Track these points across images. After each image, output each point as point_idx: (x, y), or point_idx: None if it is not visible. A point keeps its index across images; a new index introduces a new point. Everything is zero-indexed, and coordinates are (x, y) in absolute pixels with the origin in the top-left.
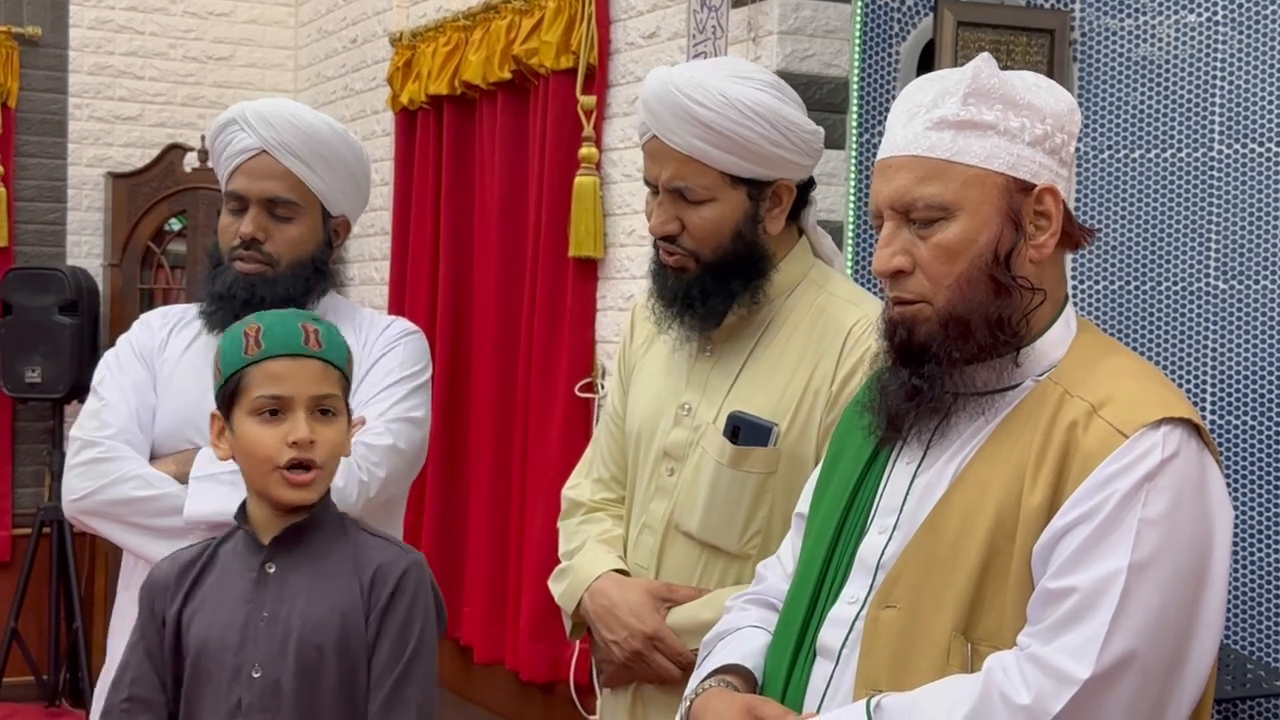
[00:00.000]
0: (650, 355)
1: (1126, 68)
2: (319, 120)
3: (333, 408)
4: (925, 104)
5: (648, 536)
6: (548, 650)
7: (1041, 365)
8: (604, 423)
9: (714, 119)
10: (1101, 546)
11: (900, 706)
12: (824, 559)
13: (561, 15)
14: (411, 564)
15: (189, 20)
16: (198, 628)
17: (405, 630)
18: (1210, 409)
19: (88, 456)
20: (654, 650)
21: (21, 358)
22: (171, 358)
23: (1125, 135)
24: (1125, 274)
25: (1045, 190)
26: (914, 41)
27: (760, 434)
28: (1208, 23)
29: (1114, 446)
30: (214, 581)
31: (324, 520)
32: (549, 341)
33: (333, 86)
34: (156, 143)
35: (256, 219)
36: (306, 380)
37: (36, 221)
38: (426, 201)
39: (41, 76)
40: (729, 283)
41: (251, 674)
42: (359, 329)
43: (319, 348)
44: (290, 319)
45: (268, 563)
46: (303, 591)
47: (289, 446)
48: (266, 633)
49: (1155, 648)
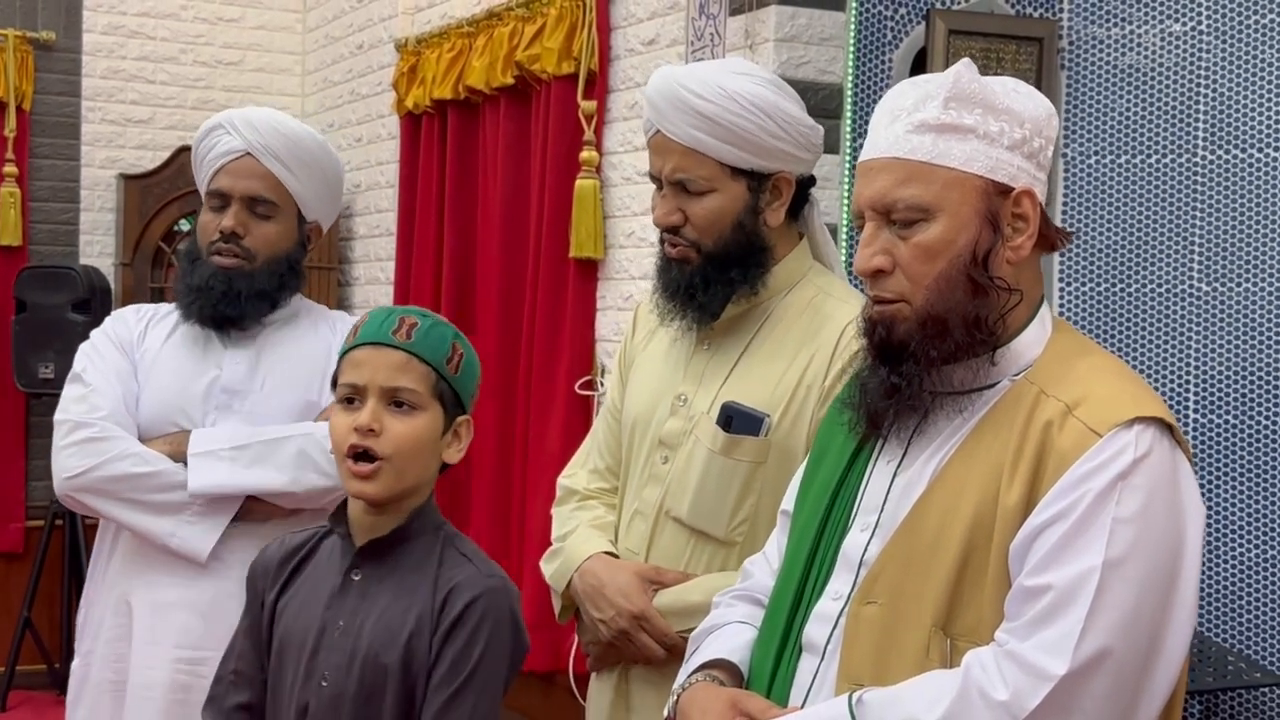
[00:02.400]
0: (650, 349)
1: (1113, 75)
2: (301, 129)
3: (410, 401)
4: (907, 107)
5: (639, 522)
6: (548, 640)
7: (1018, 365)
8: (602, 415)
9: (713, 110)
10: (1076, 544)
11: (882, 701)
12: (808, 555)
13: (563, 22)
14: (488, 589)
15: (199, 26)
16: (284, 622)
17: (465, 654)
18: (1193, 408)
19: (82, 436)
20: (640, 630)
21: (35, 354)
22: (152, 348)
23: (1112, 141)
24: (1111, 276)
25: (1023, 193)
26: (906, 49)
27: (752, 424)
28: (1192, 32)
29: (1088, 446)
30: (308, 576)
31: (418, 532)
32: (550, 340)
33: (339, 91)
34: (167, 145)
35: (238, 214)
36: (383, 369)
37: (50, 221)
38: (430, 203)
39: (55, 80)
40: (729, 272)
41: (320, 682)
42: (333, 325)
43: (407, 339)
44: (395, 311)
45: (354, 569)
46: (380, 605)
47: (353, 432)
48: (339, 643)
49: (1129, 644)
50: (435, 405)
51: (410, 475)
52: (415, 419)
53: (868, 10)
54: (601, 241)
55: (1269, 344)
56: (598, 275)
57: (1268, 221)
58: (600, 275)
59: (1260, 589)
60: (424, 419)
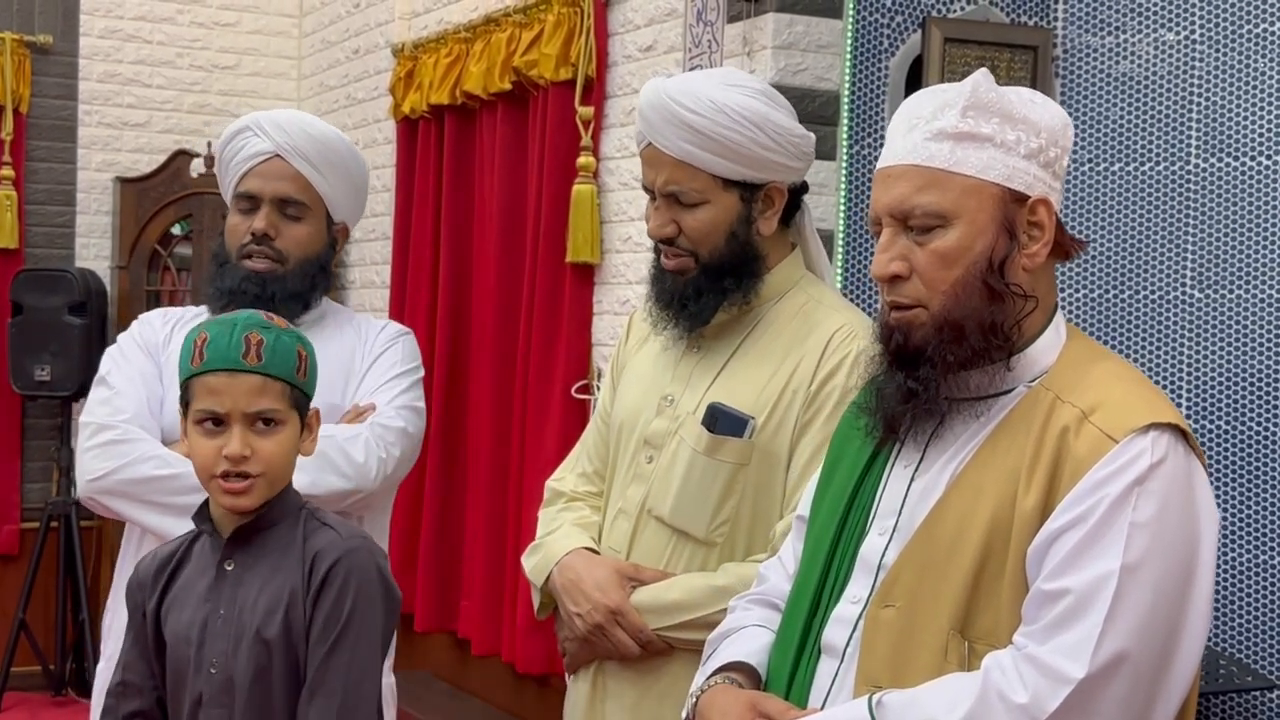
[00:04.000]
0: (641, 354)
1: (1107, 84)
2: (329, 130)
3: (274, 418)
4: (925, 115)
5: (623, 521)
6: (544, 643)
7: (1033, 371)
8: (592, 420)
9: (703, 124)
10: (1094, 549)
11: (901, 703)
12: (826, 559)
13: (561, 28)
14: (347, 550)
15: (196, 30)
16: (170, 624)
17: (335, 610)
18: (1186, 414)
19: (105, 438)
20: (615, 625)
21: (31, 356)
22: (177, 352)
23: (1105, 149)
24: (1104, 283)
25: (1039, 201)
26: (902, 57)
27: (737, 425)
28: (1185, 41)
29: (1104, 451)
30: (185, 578)
31: (280, 516)
32: (546, 344)
33: (335, 95)
34: (164, 149)
35: (268, 216)
36: (243, 395)
37: (47, 224)
38: (427, 207)
39: (52, 83)
40: (722, 281)
41: (210, 670)
42: (357, 329)
43: (259, 361)
44: (237, 329)
45: (226, 560)
46: (255, 587)
47: (224, 460)
48: (222, 630)
49: (1146, 647)
50: (293, 414)
51: (279, 481)
52: (279, 434)
53: (864, 18)
54: (598, 246)
55: (1261, 351)
56: (594, 280)
57: (1260, 229)
58: (597, 280)
59: (1251, 593)
60: (286, 431)
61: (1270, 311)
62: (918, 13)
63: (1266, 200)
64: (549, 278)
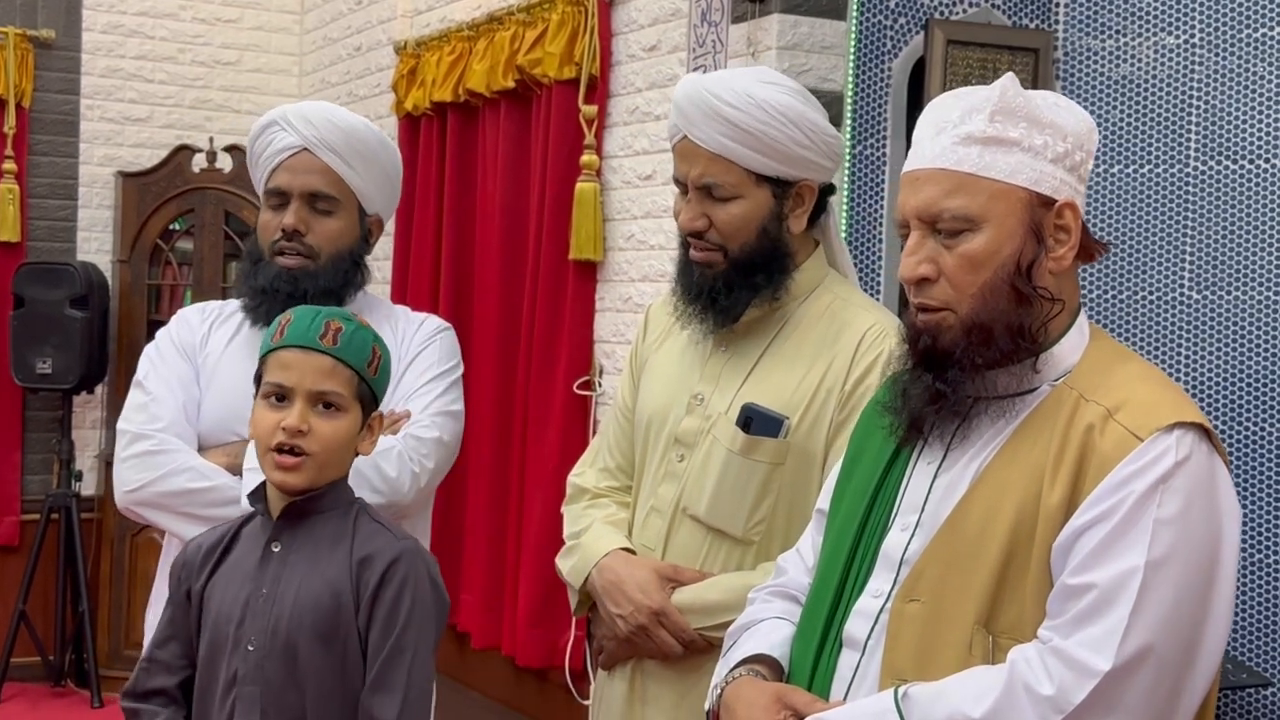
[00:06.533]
0: (663, 350)
1: (1107, 86)
2: (357, 120)
3: (336, 403)
4: (953, 120)
5: (656, 519)
6: (544, 637)
7: (1058, 370)
8: (612, 414)
9: (741, 118)
10: (1119, 545)
11: (927, 696)
12: (848, 553)
13: (565, 27)
14: (404, 551)
15: (197, 26)
16: (213, 605)
17: (393, 614)
18: None
19: (141, 449)
20: (659, 626)
21: (33, 349)
22: (214, 352)
23: (1105, 151)
24: (1103, 283)
25: (1066, 205)
26: (905, 58)
27: (772, 425)
28: (1185, 45)
29: (1130, 449)
30: (233, 559)
31: (331, 504)
32: (549, 340)
33: (337, 92)
34: (165, 144)
35: (298, 211)
36: (310, 373)
37: (48, 218)
38: (429, 204)
39: (55, 78)
40: (753, 277)
41: (247, 647)
42: (395, 325)
43: (333, 345)
44: (318, 315)
45: (273, 542)
46: (300, 572)
47: (280, 430)
48: (263, 609)
49: (1170, 641)
50: (356, 406)
51: (330, 470)
52: (339, 420)
53: (868, 20)
54: (601, 244)
55: (1259, 353)
56: (597, 277)
57: (1258, 232)
58: (599, 277)
59: (1248, 592)
60: (347, 420)
61: (1268, 314)
62: (920, 15)
63: (1265, 203)
64: (551, 275)
